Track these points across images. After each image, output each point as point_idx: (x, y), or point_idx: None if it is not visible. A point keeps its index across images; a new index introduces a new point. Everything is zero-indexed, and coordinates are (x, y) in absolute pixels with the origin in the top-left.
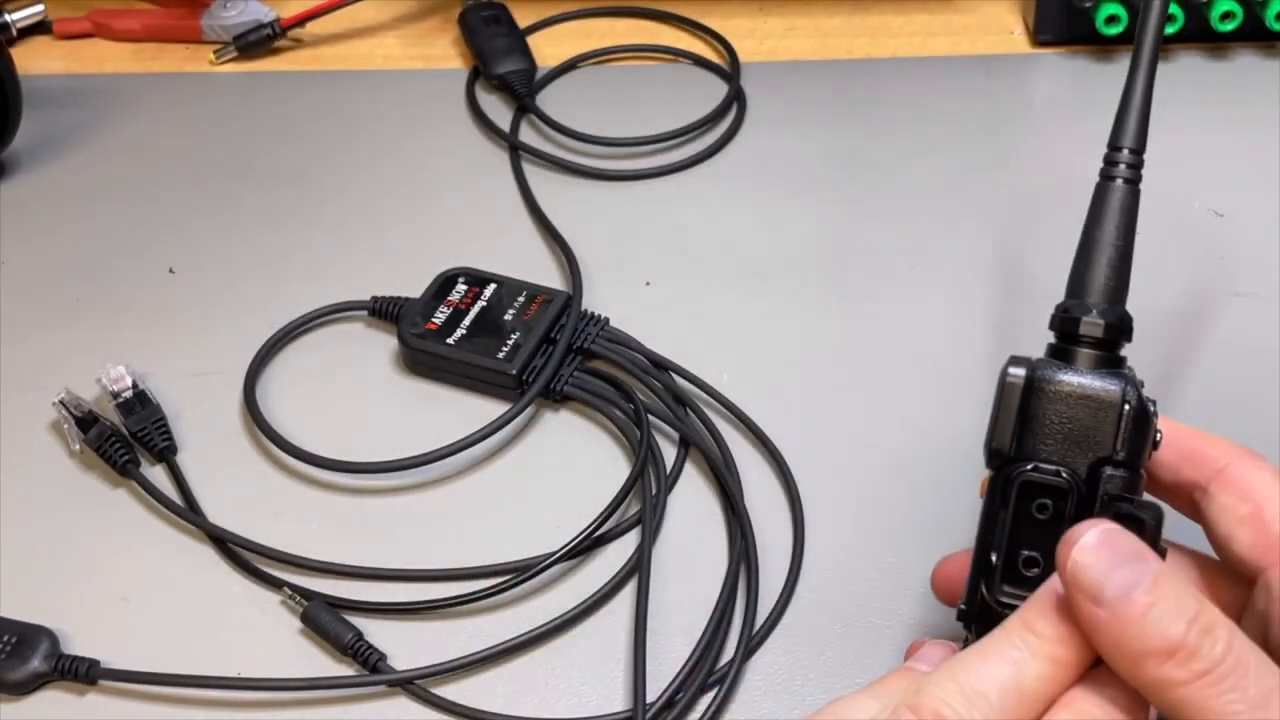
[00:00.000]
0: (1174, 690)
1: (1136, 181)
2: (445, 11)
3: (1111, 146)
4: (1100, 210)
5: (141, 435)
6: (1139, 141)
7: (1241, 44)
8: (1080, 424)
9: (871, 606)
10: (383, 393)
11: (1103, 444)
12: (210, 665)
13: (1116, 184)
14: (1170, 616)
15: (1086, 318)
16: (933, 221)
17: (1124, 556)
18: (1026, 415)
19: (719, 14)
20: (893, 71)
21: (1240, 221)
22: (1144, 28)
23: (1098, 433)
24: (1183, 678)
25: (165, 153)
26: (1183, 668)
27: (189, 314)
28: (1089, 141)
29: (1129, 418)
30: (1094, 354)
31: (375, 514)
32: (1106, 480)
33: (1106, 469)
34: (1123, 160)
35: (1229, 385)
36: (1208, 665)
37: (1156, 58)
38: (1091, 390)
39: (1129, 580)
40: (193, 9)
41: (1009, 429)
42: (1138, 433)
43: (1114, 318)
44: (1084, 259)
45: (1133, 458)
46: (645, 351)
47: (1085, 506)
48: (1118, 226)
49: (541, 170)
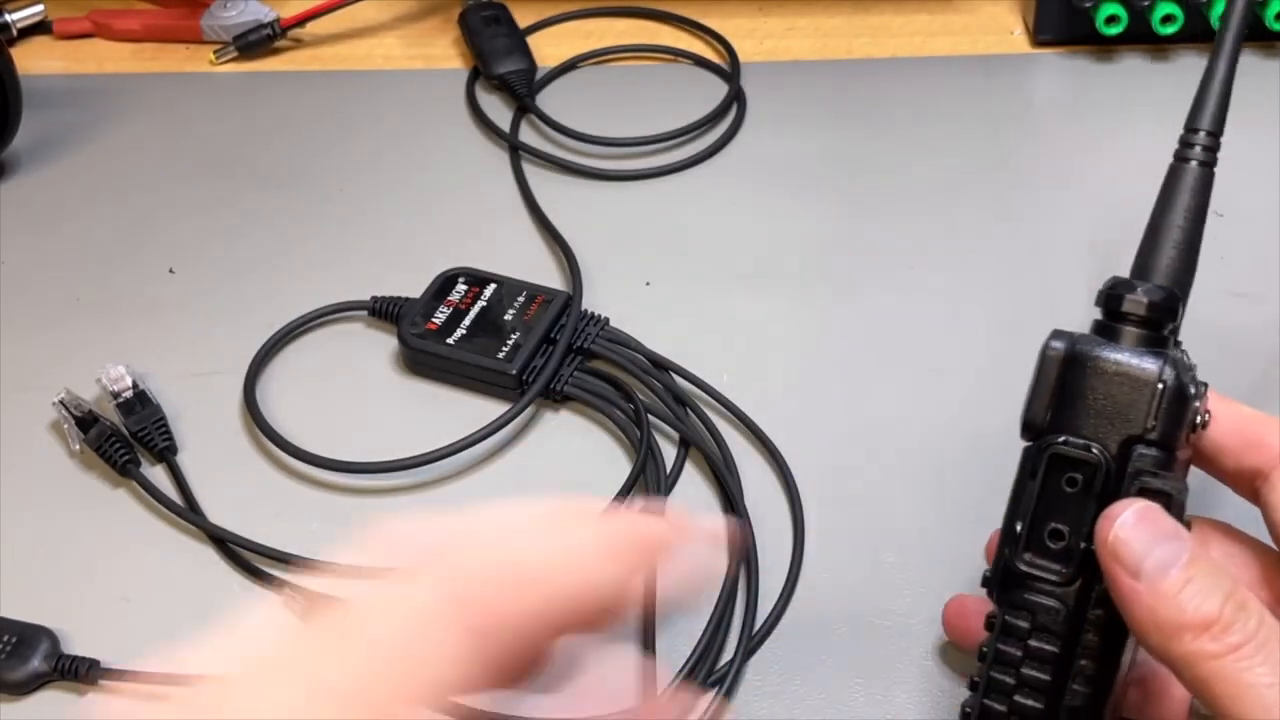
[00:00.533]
0: (1206, 663)
1: (1211, 164)
2: (445, 11)
3: (1188, 128)
4: (1168, 191)
5: (142, 435)
6: (1216, 124)
7: (1242, 44)
8: (1115, 400)
9: (871, 606)
10: (383, 393)
11: (1135, 421)
12: None
13: (1190, 165)
14: (1206, 592)
15: (1130, 295)
16: (932, 221)
17: (1162, 534)
18: (1063, 389)
19: (719, 14)
20: (893, 71)
21: (1240, 221)
22: (1230, 7)
23: (1131, 410)
24: (1216, 650)
25: (165, 153)
26: (1217, 641)
27: (189, 314)
28: (1089, 141)
29: (1162, 396)
30: (1136, 332)
31: (374, 514)
32: (1137, 458)
33: (1138, 447)
34: (1198, 142)
35: (1229, 385)
36: (1241, 638)
37: (1241, 39)
38: (1128, 367)
39: (1167, 556)
40: (193, 9)
41: (1044, 401)
42: (1172, 412)
43: (1158, 296)
44: (1148, 239)
45: (1165, 437)
46: (645, 351)
47: (1114, 483)
48: (1185, 209)
49: (541, 170)
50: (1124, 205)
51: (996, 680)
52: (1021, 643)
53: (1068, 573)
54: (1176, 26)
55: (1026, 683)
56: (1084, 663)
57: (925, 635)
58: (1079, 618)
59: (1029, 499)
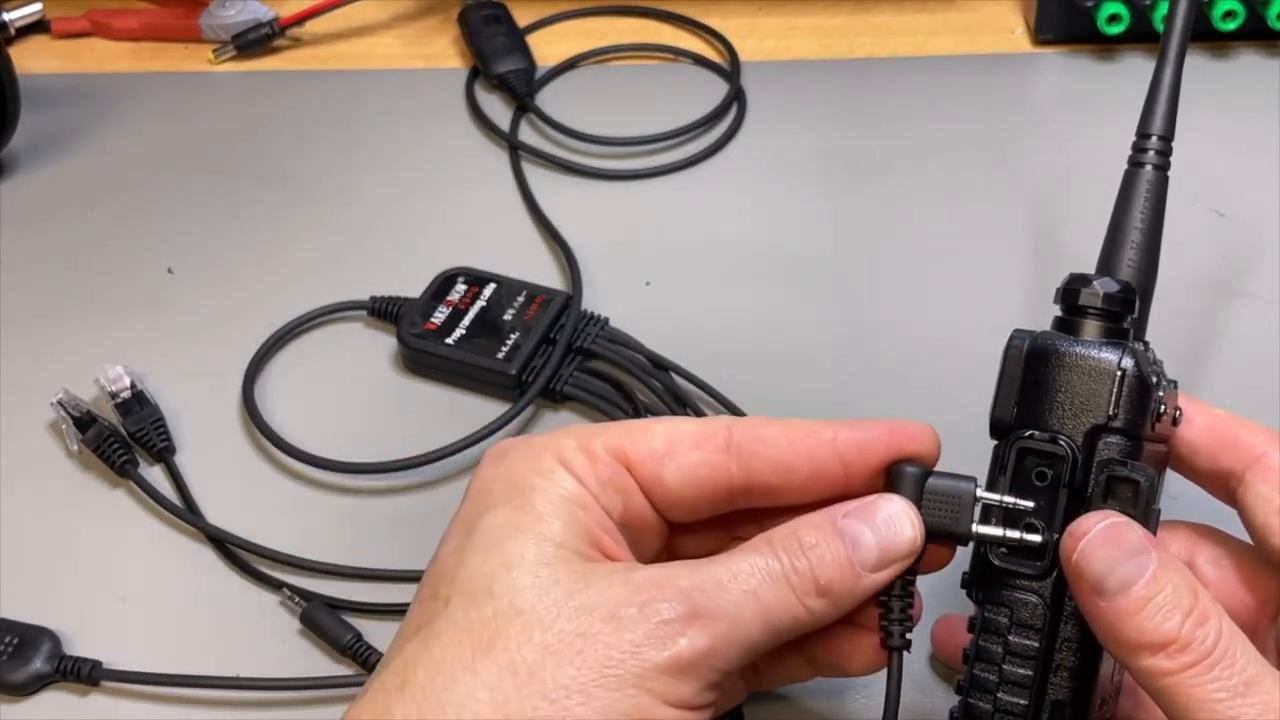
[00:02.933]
0: (1163, 678)
1: (1164, 168)
2: (444, 11)
3: (1140, 134)
4: (1125, 196)
5: (140, 436)
6: (1167, 128)
7: (1243, 43)
8: (1078, 391)
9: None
10: (382, 393)
11: (1098, 410)
12: (209, 666)
13: (1145, 169)
14: (1167, 610)
15: (1086, 289)
16: (933, 221)
17: (1127, 550)
18: (1027, 385)
19: (719, 13)
20: (893, 71)
21: (1242, 221)
22: (1173, 14)
23: (1094, 399)
24: (1171, 668)
25: (164, 152)
26: (1172, 659)
27: (188, 314)
28: (1090, 141)
29: (1122, 383)
30: (1096, 324)
31: (374, 514)
32: (1103, 447)
33: (1104, 436)
34: (1150, 147)
35: (1230, 385)
36: (1196, 657)
37: (1186, 45)
38: (1088, 357)
39: (1130, 574)
40: (191, 8)
41: (1010, 399)
42: (1133, 400)
43: (1114, 289)
44: (1108, 243)
45: (1130, 425)
46: (645, 351)
47: (1082, 473)
48: (1142, 211)
49: (541, 170)
50: None
51: (980, 678)
52: (1002, 638)
53: (1042, 566)
54: None
55: (1009, 678)
56: (1064, 655)
57: (926, 636)
58: (1057, 610)
59: (1001, 493)
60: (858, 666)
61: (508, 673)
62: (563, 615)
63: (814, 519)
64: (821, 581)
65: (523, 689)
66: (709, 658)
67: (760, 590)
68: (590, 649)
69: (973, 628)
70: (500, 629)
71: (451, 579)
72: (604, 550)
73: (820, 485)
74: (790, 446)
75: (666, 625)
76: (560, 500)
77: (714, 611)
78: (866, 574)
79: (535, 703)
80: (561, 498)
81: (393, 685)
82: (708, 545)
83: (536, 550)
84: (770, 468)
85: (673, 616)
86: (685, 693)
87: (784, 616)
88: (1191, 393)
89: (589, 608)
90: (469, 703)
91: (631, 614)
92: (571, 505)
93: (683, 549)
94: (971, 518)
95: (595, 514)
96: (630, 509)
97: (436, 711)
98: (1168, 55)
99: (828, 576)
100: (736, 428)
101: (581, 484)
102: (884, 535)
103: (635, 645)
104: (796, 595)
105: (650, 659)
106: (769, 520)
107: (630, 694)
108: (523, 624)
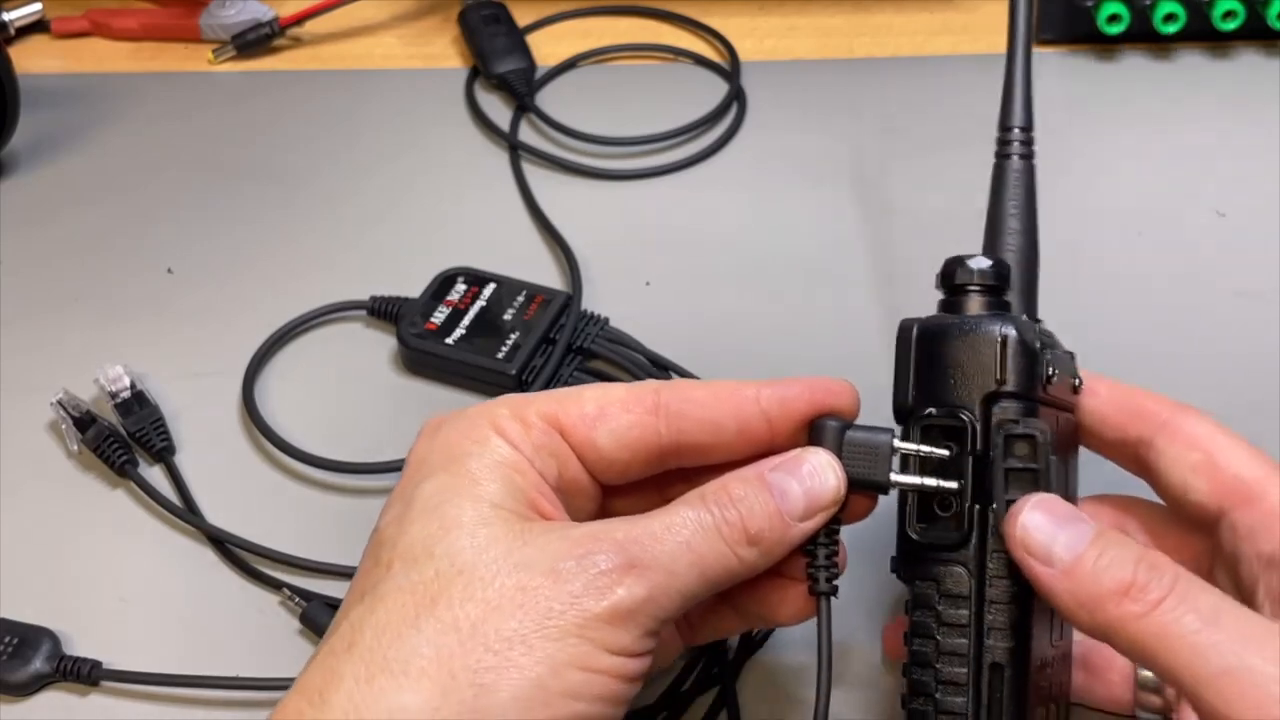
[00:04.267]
0: (1133, 624)
1: (1029, 157)
2: (445, 10)
3: (1002, 127)
4: (998, 186)
5: (140, 436)
6: (1026, 119)
7: (1243, 43)
8: (966, 364)
9: (870, 607)
10: (381, 393)
11: (988, 377)
12: (209, 666)
13: (1012, 160)
14: (1118, 562)
15: (961, 268)
16: (933, 221)
17: (1063, 519)
18: (921, 367)
19: (719, 13)
20: (893, 71)
21: (1242, 221)
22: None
23: (983, 368)
24: (1139, 610)
25: (164, 152)
26: (1137, 601)
27: (188, 314)
28: (1090, 140)
29: (1005, 348)
30: (977, 300)
31: (373, 514)
32: (998, 411)
33: (999, 401)
34: (1014, 139)
35: (1230, 385)
36: (1160, 593)
37: (1031, 37)
38: (972, 330)
39: (1073, 538)
40: (191, 8)
41: (907, 382)
42: (1019, 364)
43: (987, 265)
44: (988, 233)
45: (1021, 387)
46: (645, 351)
47: (982, 439)
48: (1014, 199)
49: (541, 170)
50: (1125, 203)
51: (918, 653)
52: (933, 611)
53: (961, 534)
54: (1178, 25)
55: (945, 649)
56: (994, 616)
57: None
58: (980, 577)
59: (913, 473)
60: (787, 615)
61: (451, 628)
62: (503, 572)
63: (743, 473)
64: (752, 531)
65: (466, 643)
66: (646, 605)
67: (694, 541)
68: (531, 602)
69: (908, 609)
70: (442, 588)
71: (393, 545)
72: (540, 512)
73: (746, 442)
74: (716, 405)
75: (604, 576)
76: (496, 465)
77: (650, 562)
78: (794, 523)
79: (479, 655)
80: (497, 463)
81: (340, 648)
82: (641, 506)
83: (474, 512)
84: (698, 427)
85: (610, 567)
86: (625, 640)
87: (717, 566)
88: (1191, 394)
89: (528, 563)
90: (414, 658)
91: (570, 566)
92: (507, 470)
93: (616, 511)
94: (890, 467)
95: (531, 478)
96: (565, 473)
97: (384, 668)
98: (1016, 50)
99: (758, 526)
100: (664, 390)
101: (516, 449)
102: (809, 486)
103: (574, 596)
104: (728, 545)
105: (589, 609)
106: (699, 480)
107: (571, 643)
108: (464, 582)
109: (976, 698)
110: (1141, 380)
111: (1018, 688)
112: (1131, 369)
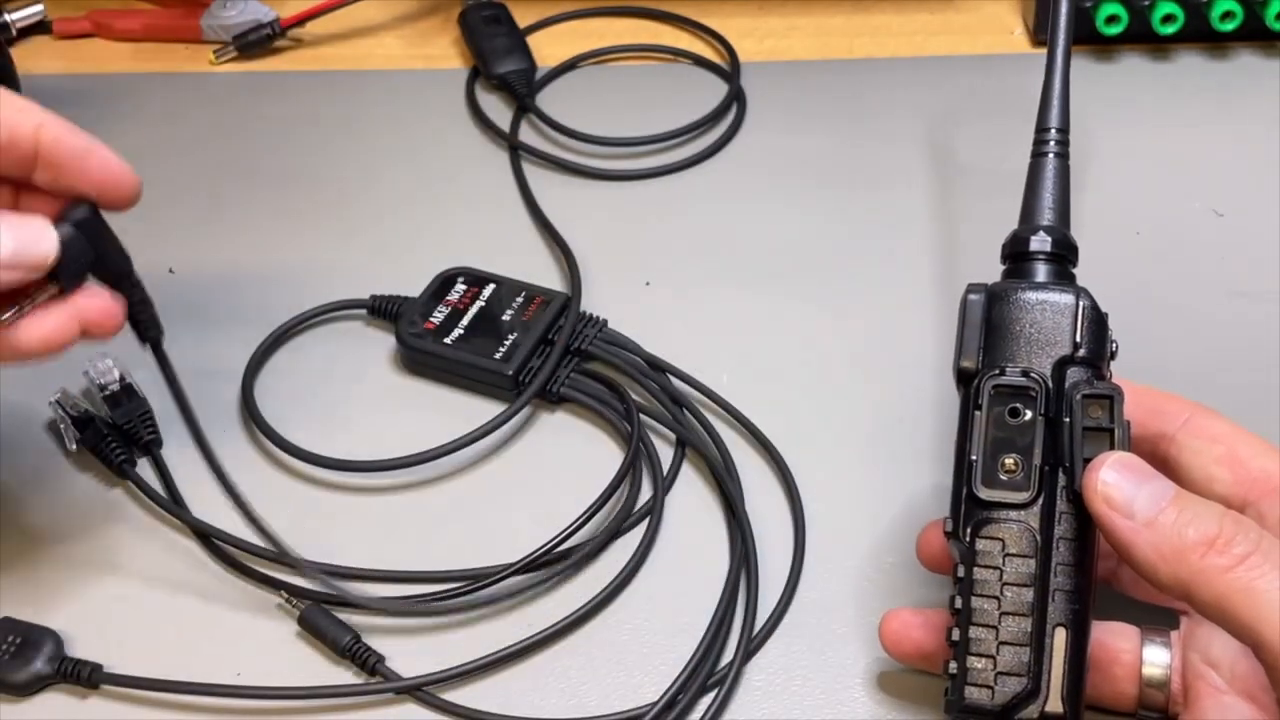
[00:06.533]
0: (1219, 578)
1: (1065, 156)
2: (445, 11)
3: (1039, 128)
4: (1034, 180)
5: (127, 428)
6: (1063, 120)
7: (1242, 43)
8: (1041, 329)
9: (871, 607)
10: (380, 392)
11: (1063, 343)
12: (208, 667)
13: (1048, 158)
14: (1203, 516)
15: (1035, 236)
16: (933, 222)
17: (1144, 475)
18: (989, 330)
19: (719, 14)
20: (893, 71)
21: (1240, 221)
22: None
23: (1057, 334)
24: (1225, 564)
25: (165, 152)
26: (1223, 555)
27: (188, 313)
28: (1089, 141)
29: (1084, 316)
30: (1046, 268)
31: (371, 513)
32: (1071, 373)
33: (1071, 368)
34: (1050, 138)
35: (1229, 385)
36: (1247, 549)
37: (1071, 40)
38: (1048, 296)
39: (1155, 493)
40: (193, 9)
41: (975, 345)
42: (1094, 332)
43: (1059, 235)
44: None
45: (1092, 356)
46: (642, 353)
47: (1055, 402)
48: (1050, 191)
49: (541, 170)
50: (1124, 203)
51: (979, 609)
52: (997, 569)
53: (1029, 495)
54: (1177, 26)
55: (1009, 606)
56: (1060, 579)
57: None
58: (1048, 535)
59: (979, 432)
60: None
61: None
62: None
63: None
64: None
65: None
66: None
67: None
68: None
69: (959, 577)
70: None
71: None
72: None
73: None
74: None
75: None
76: None
77: None
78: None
79: None
80: None
81: None
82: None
83: None
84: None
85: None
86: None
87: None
88: (1189, 393)
89: None
90: None
91: None
92: None
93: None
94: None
95: None
96: None
97: None
98: (1056, 53)
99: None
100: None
101: None
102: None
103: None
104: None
105: None
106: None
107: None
108: None
109: (1038, 659)
110: (1139, 379)
111: (1078, 650)
112: (1130, 368)
